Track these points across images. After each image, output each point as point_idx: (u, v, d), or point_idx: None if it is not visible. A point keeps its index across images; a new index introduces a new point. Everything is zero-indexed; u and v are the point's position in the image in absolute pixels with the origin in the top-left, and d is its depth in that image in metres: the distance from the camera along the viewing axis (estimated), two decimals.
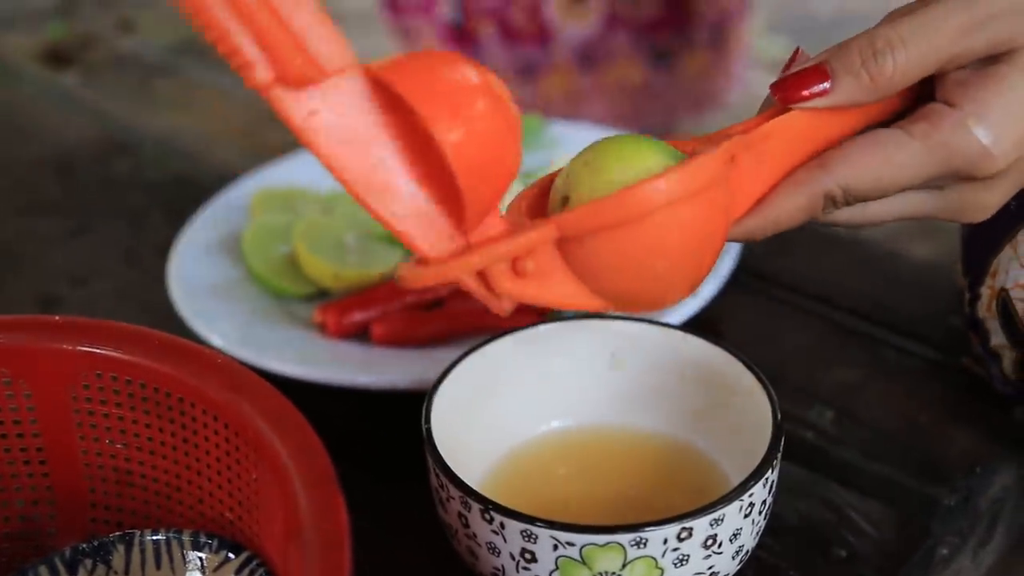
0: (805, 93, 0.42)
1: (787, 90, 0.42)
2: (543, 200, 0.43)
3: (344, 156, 0.37)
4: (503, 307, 0.40)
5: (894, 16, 0.42)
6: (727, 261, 0.66)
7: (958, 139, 0.41)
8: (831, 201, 0.43)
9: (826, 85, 0.42)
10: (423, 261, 0.39)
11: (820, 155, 0.43)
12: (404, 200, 0.38)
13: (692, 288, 0.42)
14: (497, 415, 0.53)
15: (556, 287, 0.40)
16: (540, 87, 1.11)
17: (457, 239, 0.39)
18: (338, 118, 0.37)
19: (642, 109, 1.11)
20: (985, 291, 0.56)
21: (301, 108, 0.36)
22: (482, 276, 0.39)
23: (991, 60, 0.42)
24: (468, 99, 0.36)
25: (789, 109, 0.43)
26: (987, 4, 0.41)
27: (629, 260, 0.40)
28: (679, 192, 0.39)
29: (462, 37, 1.13)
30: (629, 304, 0.42)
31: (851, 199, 0.43)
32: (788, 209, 0.43)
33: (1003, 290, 0.54)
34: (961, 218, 0.44)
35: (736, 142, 0.41)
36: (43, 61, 1.11)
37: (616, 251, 0.39)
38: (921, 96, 0.44)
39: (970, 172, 0.42)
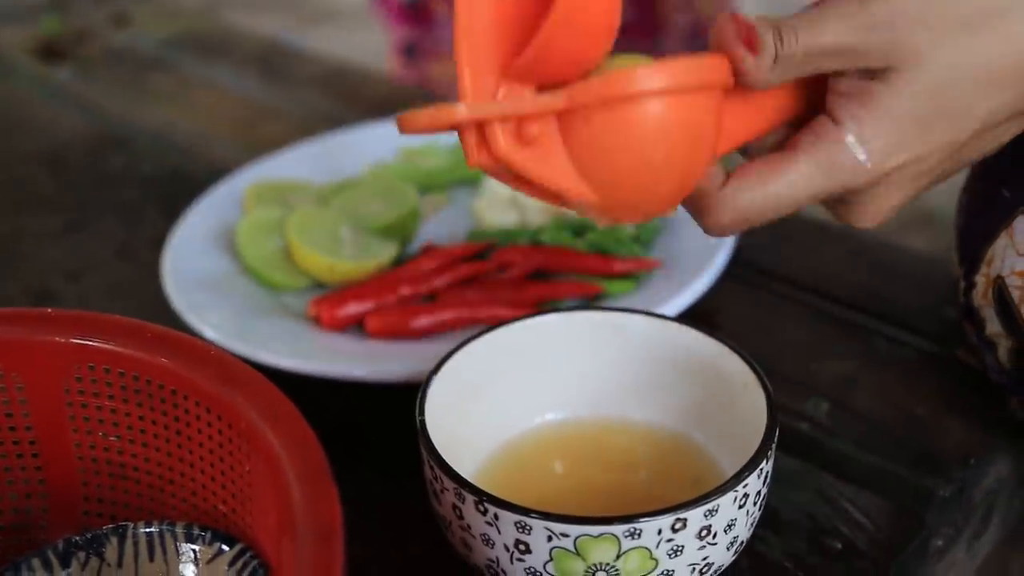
0: (746, 53, 0.43)
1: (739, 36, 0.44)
2: None
3: None
4: (481, 163, 0.41)
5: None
6: (722, 253, 0.66)
7: (839, 154, 0.45)
8: (734, 224, 0.46)
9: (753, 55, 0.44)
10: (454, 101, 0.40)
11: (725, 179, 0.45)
12: (486, 39, 0.40)
13: (674, 200, 0.44)
14: (492, 407, 0.53)
15: (550, 163, 0.41)
16: None
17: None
18: None
19: None
20: (980, 279, 0.56)
21: None
22: (480, 131, 0.40)
23: (871, 76, 0.44)
24: None
25: None
26: (878, 6, 0.43)
27: (629, 141, 0.40)
28: (686, 80, 0.41)
29: (418, 15, 1.13)
30: (614, 198, 0.42)
31: (752, 224, 0.46)
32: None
33: (999, 278, 0.54)
34: (858, 224, 0.48)
35: (729, 76, 0.43)
36: (37, 55, 1.10)
37: (619, 129, 0.40)
38: (815, 106, 0.46)
39: (850, 184, 0.45)
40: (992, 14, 0.43)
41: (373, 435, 0.60)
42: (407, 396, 0.51)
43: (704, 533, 0.43)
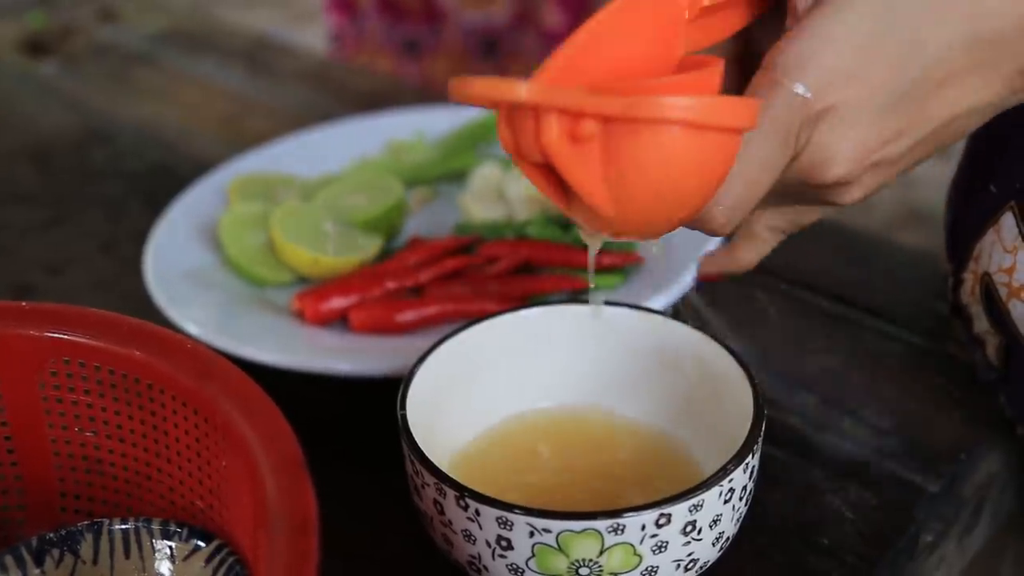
0: None
1: None
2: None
3: None
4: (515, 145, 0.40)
5: None
6: (710, 247, 0.65)
7: (779, 100, 0.42)
8: (717, 222, 0.43)
9: None
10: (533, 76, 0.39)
11: None
12: (611, 45, 0.40)
13: (675, 226, 0.43)
14: (475, 400, 0.52)
15: (587, 166, 0.39)
16: (425, 65, 1.10)
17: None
18: None
19: None
20: (968, 276, 0.55)
21: None
22: (534, 115, 0.38)
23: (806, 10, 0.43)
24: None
25: None
26: None
27: (671, 165, 0.39)
28: (745, 122, 0.40)
29: (343, 5, 1.12)
30: (628, 214, 0.41)
31: (733, 212, 0.43)
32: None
33: (986, 275, 0.54)
34: (823, 177, 0.44)
35: None
36: (22, 50, 1.10)
37: (666, 150, 0.39)
38: None
39: (801, 122, 0.42)
40: None
41: (357, 430, 0.59)
42: (391, 391, 0.51)
43: (689, 529, 0.43)
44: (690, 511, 0.42)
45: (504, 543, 0.42)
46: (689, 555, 0.44)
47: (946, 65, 0.42)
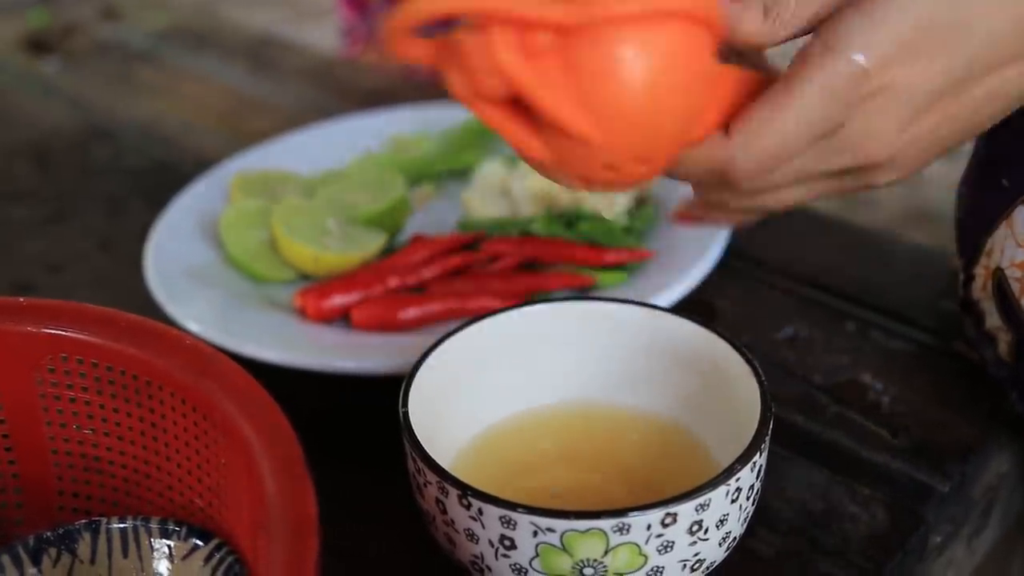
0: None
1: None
2: None
3: None
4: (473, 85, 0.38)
5: None
6: (716, 244, 0.64)
7: (835, 65, 0.41)
8: (740, 170, 0.43)
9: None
10: None
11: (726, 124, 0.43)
12: None
13: (672, 148, 0.41)
14: (479, 397, 0.51)
15: (551, 85, 0.37)
16: None
17: None
18: None
19: None
20: (980, 271, 0.55)
21: None
22: (484, 38, 0.36)
23: None
24: None
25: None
26: None
27: (640, 67, 0.38)
28: (705, 10, 0.39)
29: (353, 0, 1.12)
30: (613, 134, 0.39)
31: (758, 163, 0.43)
32: (696, 172, 0.44)
33: (998, 269, 0.53)
34: (866, 157, 0.44)
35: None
36: (24, 48, 1.09)
37: (631, 53, 0.37)
38: None
39: (854, 95, 0.42)
40: None
41: (359, 428, 0.59)
42: (393, 389, 0.50)
43: (695, 528, 0.42)
44: (696, 511, 0.42)
45: (507, 543, 0.42)
46: (695, 555, 0.43)
47: (991, 51, 0.42)
